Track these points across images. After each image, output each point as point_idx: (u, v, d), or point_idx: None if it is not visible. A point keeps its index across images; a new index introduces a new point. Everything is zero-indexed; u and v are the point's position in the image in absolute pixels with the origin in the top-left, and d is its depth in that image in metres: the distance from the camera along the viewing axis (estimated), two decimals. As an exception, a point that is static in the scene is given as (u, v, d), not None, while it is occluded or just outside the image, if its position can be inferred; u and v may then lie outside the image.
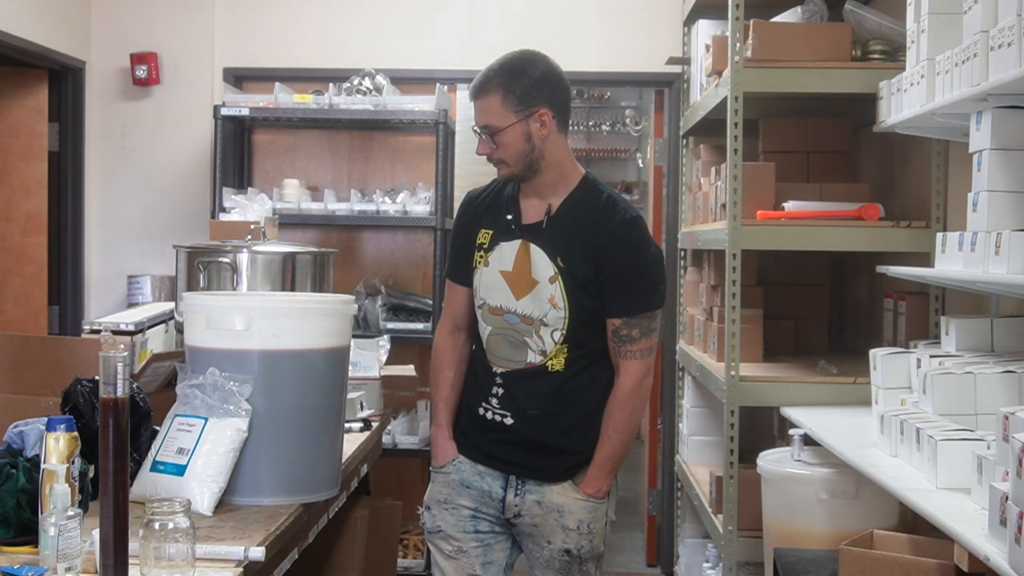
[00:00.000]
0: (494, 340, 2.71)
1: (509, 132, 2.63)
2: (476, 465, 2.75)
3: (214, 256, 3.36)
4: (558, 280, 2.64)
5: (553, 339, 2.66)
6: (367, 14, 5.49)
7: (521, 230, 2.70)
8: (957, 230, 2.79)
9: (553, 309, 2.65)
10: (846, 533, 2.88)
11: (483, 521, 2.75)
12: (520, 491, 2.71)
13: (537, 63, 2.67)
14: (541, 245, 2.67)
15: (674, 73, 5.41)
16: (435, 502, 2.79)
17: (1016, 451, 1.97)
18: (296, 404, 2.58)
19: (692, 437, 4.80)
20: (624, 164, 9.48)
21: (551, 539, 2.70)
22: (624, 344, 2.66)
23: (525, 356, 2.68)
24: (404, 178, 5.55)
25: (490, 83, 2.64)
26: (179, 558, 2.00)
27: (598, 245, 2.64)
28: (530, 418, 2.69)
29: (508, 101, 2.62)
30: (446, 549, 2.76)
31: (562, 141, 2.70)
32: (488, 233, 2.74)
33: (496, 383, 2.72)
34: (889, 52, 3.75)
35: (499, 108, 2.63)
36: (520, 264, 2.68)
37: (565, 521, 2.69)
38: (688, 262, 5.14)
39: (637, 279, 2.66)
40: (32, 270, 5.25)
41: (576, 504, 2.69)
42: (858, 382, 3.58)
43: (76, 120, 5.36)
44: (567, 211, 2.69)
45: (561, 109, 2.68)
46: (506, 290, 2.69)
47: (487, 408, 2.73)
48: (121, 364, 1.90)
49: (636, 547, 6.01)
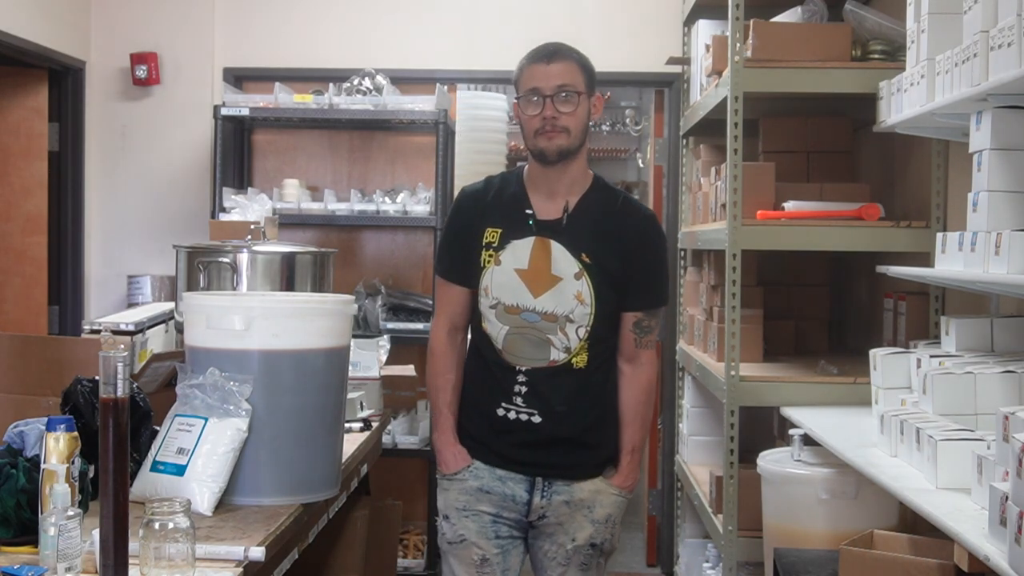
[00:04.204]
0: (512, 339, 2.70)
1: (583, 100, 2.69)
2: (495, 470, 2.73)
3: (214, 256, 3.36)
4: (584, 276, 2.67)
5: (578, 336, 2.68)
6: (367, 14, 5.49)
7: (539, 227, 2.70)
8: (957, 230, 2.79)
9: (580, 305, 2.67)
10: (846, 533, 2.88)
11: (503, 526, 2.73)
12: (547, 492, 2.71)
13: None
14: (562, 241, 2.68)
15: (674, 73, 5.41)
16: (454, 510, 2.75)
17: (1016, 451, 1.97)
18: (296, 404, 2.58)
19: (692, 437, 4.80)
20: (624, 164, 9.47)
21: (576, 535, 2.72)
22: (645, 335, 2.76)
23: (548, 354, 2.68)
24: (404, 178, 5.55)
25: (569, 53, 2.72)
26: (179, 558, 2.00)
27: (625, 240, 2.71)
28: (558, 415, 2.69)
29: (583, 74, 2.71)
30: (470, 559, 2.72)
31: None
32: (496, 231, 2.72)
33: (519, 381, 2.70)
34: (889, 52, 3.75)
35: (578, 74, 2.70)
36: (537, 261, 2.68)
37: (595, 515, 2.72)
38: (688, 262, 5.14)
39: (658, 274, 2.78)
40: (32, 270, 5.25)
41: (609, 498, 2.74)
42: (858, 382, 3.58)
43: (76, 120, 5.36)
44: (586, 208, 2.72)
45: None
46: (522, 288, 2.68)
47: (509, 408, 2.71)
48: (121, 364, 1.90)
49: (636, 547, 6.01)
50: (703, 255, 4.57)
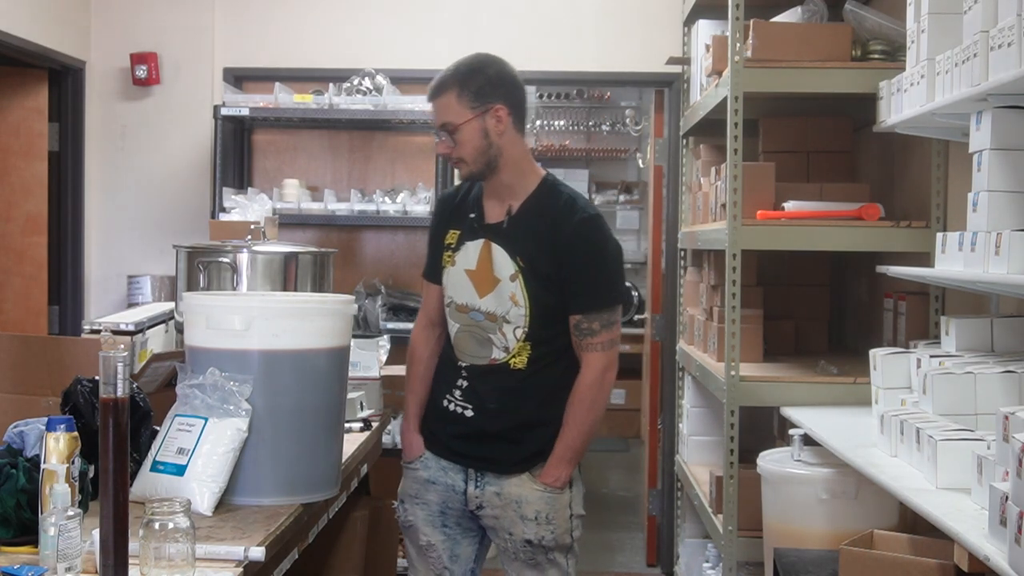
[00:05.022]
0: (461, 336, 2.81)
1: (466, 128, 2.71)
2: (440, 460, 2.86)
3: (214, 256, 3.36)
4: (519, 278, 2.73)
5: (516, 336, 2.75)
6: (367, 14, 5.49)
7: (484, 229, 2.79)
8: (957, 230, 2.79)
9: (515, 306, 2.74)
10: (846, 533, 2.88)
11: (450, 516, 2.85)
12: (480, 483, 2.80)
13: (492, 63, 2.77)
14: (502, 244, 2.76)
15: (674, 73, 5.41)
16: (407, 496, 2.91)
17: (1016, 451, 1.97)
18: (296, 404, 2.59)
19: (692, 437, 4.80)
20: (624, 164, 9.48)
21: (512, 530, 2.78)
22: (585, 337, 2.74)
23: (490, 352, 2.78)
24: (404, 178, 5.55)
25: (445, 82, 2.73)
26: (179, 558, 2.00)
27: (558, 244, 2.72)
28: (489, 412, 2.78)
29: (464, 98, 2.70)
30: (418, 542, 2.89)
31: (519, 140, 2.79)
32: (456, 233, 2.84)
33: (461, 376, 2.82)
34: (889, 52, 3.75)
35: (455, 105, 2.71)
36: (483, 263, 2.78)
37: (523, 511, 2.76)
38: (688, 262, 5.14)
39: (596, 276, 2.75)
40: (32, 270, 5.25)
41: (534, 495, 2.76)
42: (858, 382, 3.58)
43: (76, 120, 5.36)
44: (527, 211, 2.78)
45: (517, 108, 2.76)
46: (470, 288, 2.79)
47: (451, 400, 2.83)
48: (121, 364, 1.90)
49: (636, 547, 6.01)
50: (703, 255, 4.57)
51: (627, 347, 8.34)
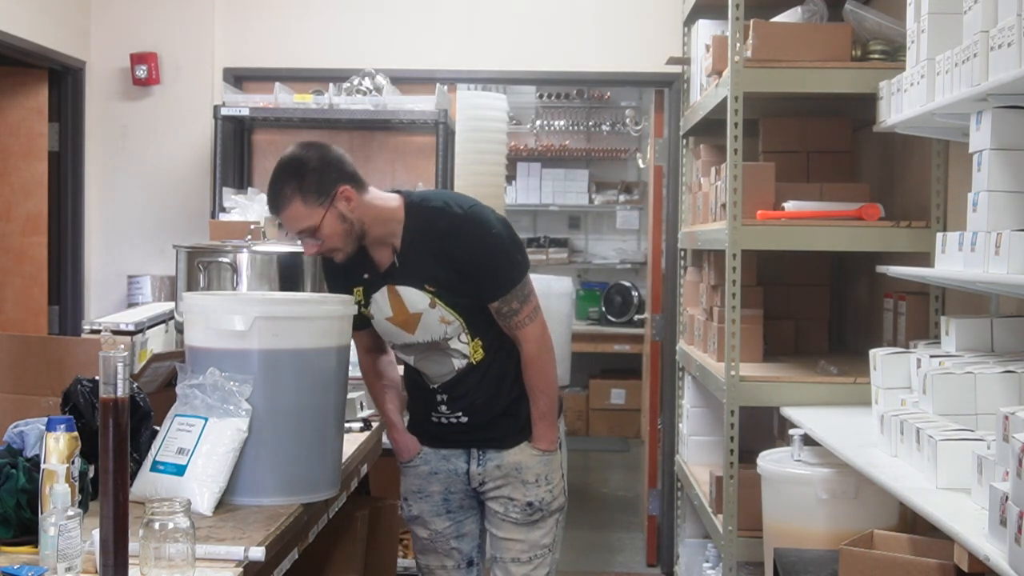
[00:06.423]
0: (421, 364, 2.93)
1: (325, 224, 2.74)
2: (439, 451, 3.00)
3: (214, 256, 3.36)
4: (437, 302, 2.82)
5: (464, 340, 2.87)
6: (367, 14, 5.49)
7: (382, 277, 2.86)
8: (957, 230, 2.79)
9: (448, 325, 2.84)
10: (846, 533, 2.88)
11: (453, 501, 3.01)
12: (482, 460, 2.95)
13: (308, 153, 2.76)
14: (405, 282, 2.83)
15: (674, 73, 5.40)
16: (411, 493, 3.06)
17: (1016, 451, 1.97)
18: (296, 404, 2.58)
19: (692, 437, 4.80)
20: (624, 164, 9.48)
21: (513, 496, 2.94)
22: (511, 319, 2.85)
23: (452, 366, 2.90)
24: (404, 178, 5.55)
25: (284, 194, 2.73)
26: (179, 558, 2.00)
27: (452, 252, 2.79)
28: (480, 406, 2.92)
29: (309, 199, 2.72)
30: (424, 534, 3.07)
31: (369, 199, 2.81)
32: (359, 290, 2.90)
33: (438, 395, 2.94)
34: (889, 52, 3.75)
35: (304, 210, 2.73)
36: (396, 307, 2.86)
37: (524, 476, 2.94)
38: (688, 262, 5.14)
39: (496, 261, 2.82)
40: (32, 270, 5.24)
41: (532, 459, 2.94)
42: (858, 382, 3.58)
43: (76, 120, 5.36)
44: (410, 241, 2.83)
45: (353, 176, 2.78)
46: (398, 331, 2.89)
47: (439, 415, 2.96)
48: (121, 364, 1.90)
49: (636, 547, 6.01)
50: (703, 255, 4.57)
51: (627, 347, 8.42)
